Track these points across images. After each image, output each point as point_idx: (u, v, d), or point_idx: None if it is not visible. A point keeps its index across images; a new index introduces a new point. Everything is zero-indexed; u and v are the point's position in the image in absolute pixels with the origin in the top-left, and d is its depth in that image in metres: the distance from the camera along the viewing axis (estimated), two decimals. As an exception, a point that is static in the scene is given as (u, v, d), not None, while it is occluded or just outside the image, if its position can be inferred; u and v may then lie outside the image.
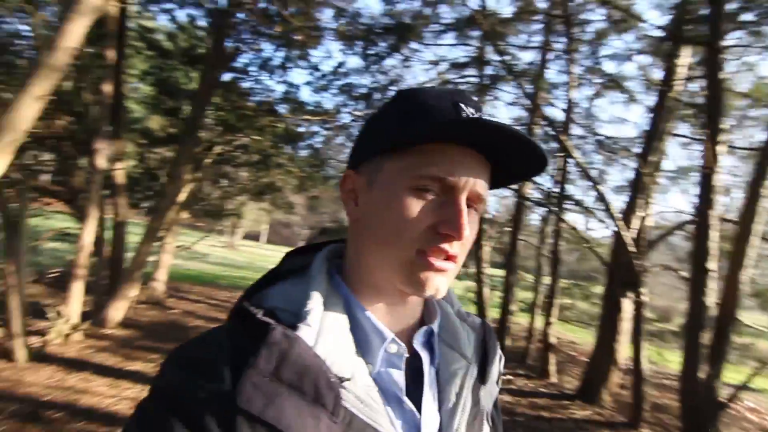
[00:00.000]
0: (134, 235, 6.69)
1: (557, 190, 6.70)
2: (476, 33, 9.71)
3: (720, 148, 4.37)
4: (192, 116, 6.37)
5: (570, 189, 8.05)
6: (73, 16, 3.11)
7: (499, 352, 0.65)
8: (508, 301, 8.16)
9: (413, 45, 9.74)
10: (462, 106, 0.51)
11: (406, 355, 0.52)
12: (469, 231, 0.50)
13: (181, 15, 9.01)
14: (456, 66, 10.01)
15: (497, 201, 11.91)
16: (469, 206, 0.52)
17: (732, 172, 7.20)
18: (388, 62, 10.37)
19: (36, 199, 6.22)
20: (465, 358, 0.58)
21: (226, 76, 8.09)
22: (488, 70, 9.70)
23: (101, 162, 5.57)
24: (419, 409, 0.52)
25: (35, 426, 3.11)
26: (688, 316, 4.37)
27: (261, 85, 8.99)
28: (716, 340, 4.21)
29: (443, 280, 0.51)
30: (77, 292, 5.16)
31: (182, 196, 6.81)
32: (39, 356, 4.33)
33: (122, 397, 3.80)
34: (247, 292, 0.54)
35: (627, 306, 5.55)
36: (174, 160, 6.50)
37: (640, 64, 7.53)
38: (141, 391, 3.99)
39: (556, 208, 6.23)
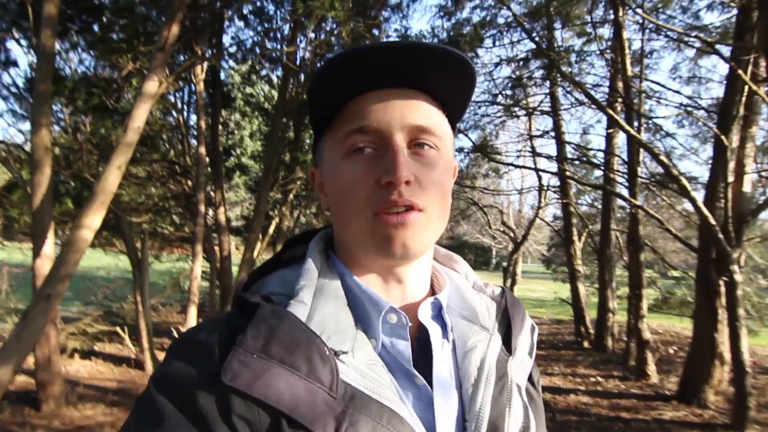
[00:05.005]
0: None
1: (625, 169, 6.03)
2: (541, 22, 9.39)
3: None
4: (267, 160, 7.45)
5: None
6: (137, 104, 4.19)
7: (528, 321, 0.60)
8: (605, 298, 7.45)
9: (477, 51, 9.86)
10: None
11: (409, 324, 0.50)
12: (422, 169, 0.48)
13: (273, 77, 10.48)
14: (523, 61, 9.76)
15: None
16: (418, 144, 0.48)
17: None
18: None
19: (167, 246, 7.86)
20: (485, 329, 0.55)
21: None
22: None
23: (202, 209, 6.90)
24: (431, 384, 0.49)
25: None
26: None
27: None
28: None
29: (409, 234, 0.47)
30: (192, 314, 6.40)
31: (271, 229, 7.89)
32: (163, 367, 5.51)
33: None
34: (248, 281, 0.54)
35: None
36: (257, 198, 7.64)
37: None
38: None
39: (630, 188, 5.62)
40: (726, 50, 5.41)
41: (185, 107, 8.69)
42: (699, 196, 5.13)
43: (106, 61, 6.00)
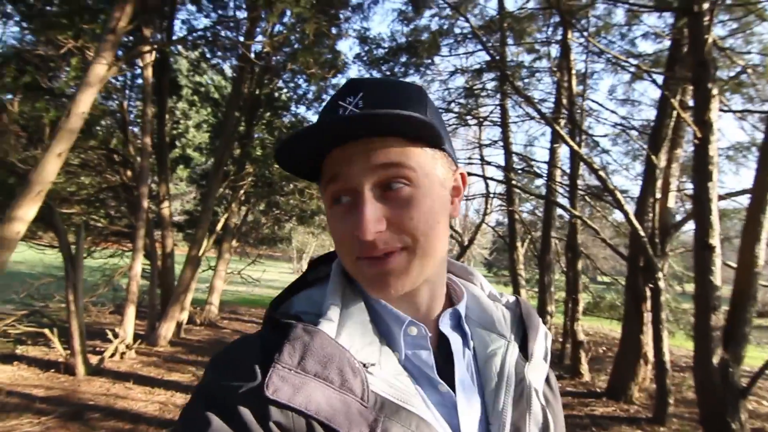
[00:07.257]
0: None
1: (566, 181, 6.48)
2: (495, 36, 9.74)
3: (713, 115, 4.12)
4: (218, 154, 7.16)
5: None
6: (82, 87, 3.88)
7: (543, 329, 0.63)
8: (544, 302, 7.90)
9: (434, 59, 10.08)
10: (341, 103, 0.49)
11: (429, 334, 0.53)
12: (397, 210, 0.48)
13: (226, 67, 10.06)
14: (476, 72, 10.12)
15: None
16: (389, 185, 0.49)
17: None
18: (410, 79, 10.76)
19: (101, 240, 7.31)
20: (503, 337, 0.58)
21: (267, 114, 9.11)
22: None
23: (145, 203, 6.49)
24: (455, 390, 0.52)
25: (75, 423, 3.75)
26: (696, 297, 4.07)
27: (298, 118, 9.84)
28: (731, 322, 3.88)
29: (391, 279, 0.49)
30: (130, 315, 6.01)
31: (219, 226, 7.58)
32: (96, 370, 5.11)
33: (152, 402, 4.40)
34: (275, 301, 0.57)
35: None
36: (203, 194, 7.31)
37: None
38: (171, 397, 4.59)
39: (569, 199, 6.04)
40: (659, 78, 5.96)
41: (127, 92, 8.14)
42: (630, 209, 5.62)
43: (43, 36, 5.48)
